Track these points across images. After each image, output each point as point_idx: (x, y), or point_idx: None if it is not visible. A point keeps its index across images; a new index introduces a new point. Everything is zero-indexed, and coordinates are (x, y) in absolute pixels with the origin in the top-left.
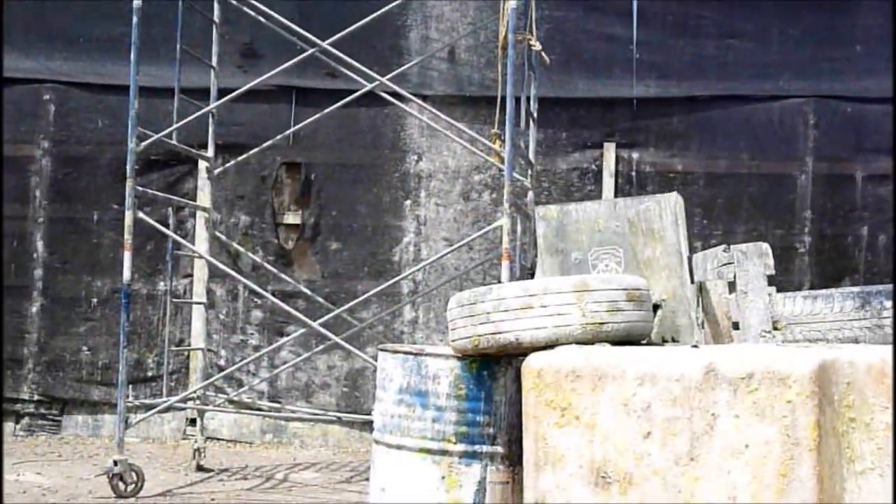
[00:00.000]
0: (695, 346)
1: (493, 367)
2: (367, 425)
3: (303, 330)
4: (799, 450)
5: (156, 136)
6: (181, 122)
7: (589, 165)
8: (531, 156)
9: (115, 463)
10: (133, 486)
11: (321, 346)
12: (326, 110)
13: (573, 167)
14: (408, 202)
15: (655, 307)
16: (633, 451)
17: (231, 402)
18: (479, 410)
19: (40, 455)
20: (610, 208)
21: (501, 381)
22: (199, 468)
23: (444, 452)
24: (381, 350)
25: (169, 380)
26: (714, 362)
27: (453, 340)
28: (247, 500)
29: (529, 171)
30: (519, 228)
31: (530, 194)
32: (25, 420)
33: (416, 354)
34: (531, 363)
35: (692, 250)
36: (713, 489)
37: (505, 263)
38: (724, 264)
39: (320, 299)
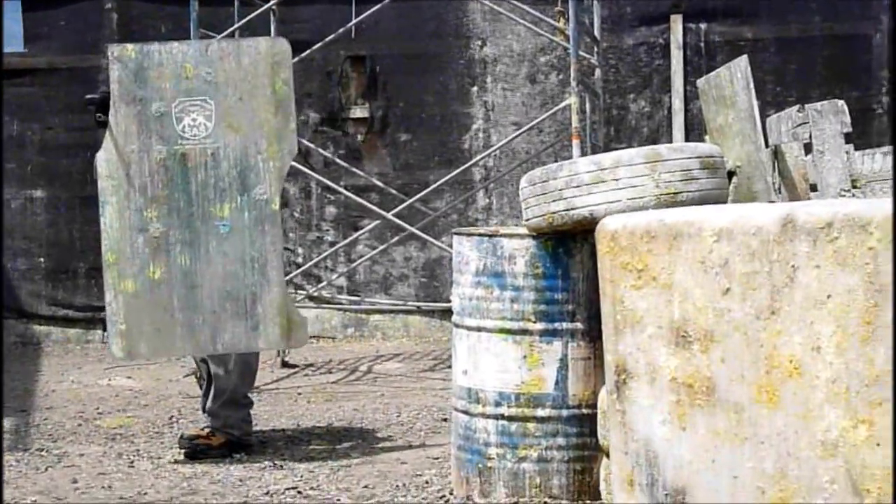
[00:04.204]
0: None
1: (569, 244)
2: (447, 314)
3: (377, 222)
4: (883, 296)
5: (218, 37)
6: (242, 21)
7: (656, 39)
8: (596, 32)
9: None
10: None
11: (396, 238)
12: (387, 0)
13: (640, 42)
14: (474, 88)
15: (730, 174)
16: (713, 308)
17: (311, 298)
18: (556, 288)
19: (130, 362)
20: (200, 52)
21: (578, 258)
22: (284, 364)
23: (524, 332)
24: (456, 234)
25: None
26: (792, 213)
27: (527, 219)
28: (333, 393)
29: (595, 49)
30: (588, 107)
31: (598, 72)
32: None
33: (490, 236)
34: (605, 226)
35: (765, 119)
36: (796, 341)
37: (575, 143)
38: (799, 125)
39: (393, 191)
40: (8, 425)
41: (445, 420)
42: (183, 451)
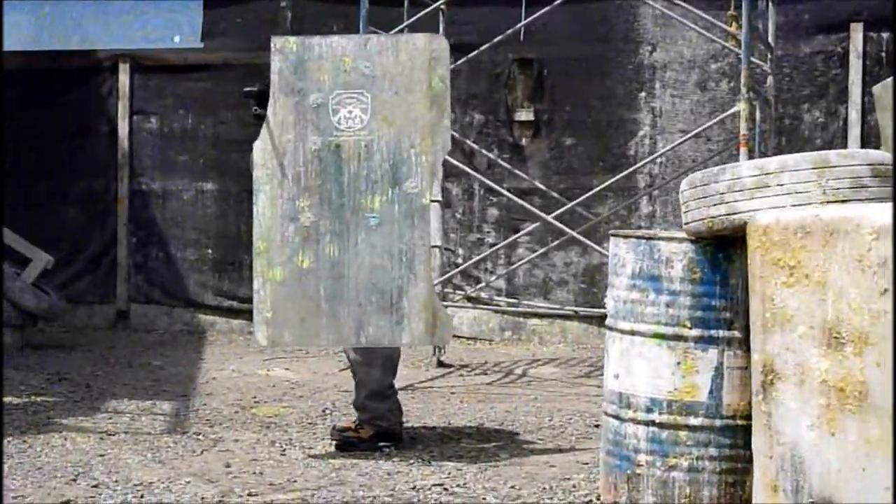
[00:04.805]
0: None
1: (729, 250)
2: (606, 320)
3: (537, 224)
4: None
5: (386, 35)
6: (410, 20)
7: (834, 48)
8: (771, 39)
9: None
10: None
11: (557, 242)
12: (556, 2)
13: (817, 50)
14: (642, 94)
15: None
16: (869, 309)
17: (469, 298)
18: (714, 294)
19: (289, 353)
20: (360, 46)
21: (737, 264)
22: (440, 364)
23: (678, 338)
24: (613, 235)
25: None
26: None
27: (686, 223)
28: (486, 394)
29: (769, 56)
30: (758, 115)
31: (770, 79)
32: None
33: (648, 238)
34: (757, 220)
35: None
36: None
37: (743, 150)
38: None
39: (555, 194)
40: (168, 409)
41: (598, 426)
42: (334, 442)
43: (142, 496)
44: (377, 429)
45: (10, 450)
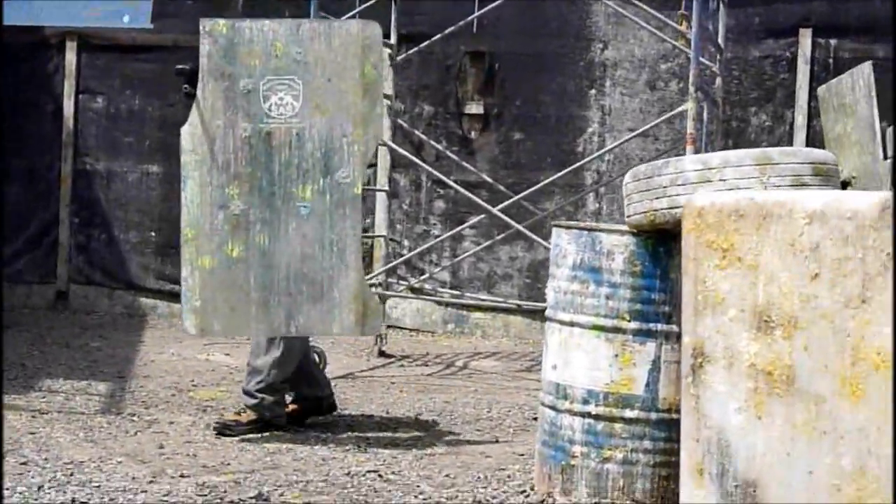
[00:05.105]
0: None
1: (670, 244)
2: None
3: (483, 216)
4: None
5: (336, 21)
6: (362, 7)
7: (783, 52)
8: (720, 41)
9: None
10: (316, 366)
11: (502, 235)
12: None
13: (766, 54)
14: (592, 92)
15: (844, 184)
16: (799, 293)
17: (413, 290)
18: (654, 288)
19: (229, 339)
20: (292, 31)
21: (678, 258)
22: (381, 354)
23: (617, 330)
24: (555, 226)
25: None
26: (891, 199)
27: (628, 216)
28: (426, 384)
29: (719, 57)
30: (706, 116)
31: (718, 80)
32: None
33: (590, 230)
34: (693, 202)
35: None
36: (886, 333)
37: (690, 150)
38: None
39: (503, 188)
40: (103, 389)
41: (536, 419)
42: (214, 425)
43: (71, 474)
44: (259, 416)
45: None
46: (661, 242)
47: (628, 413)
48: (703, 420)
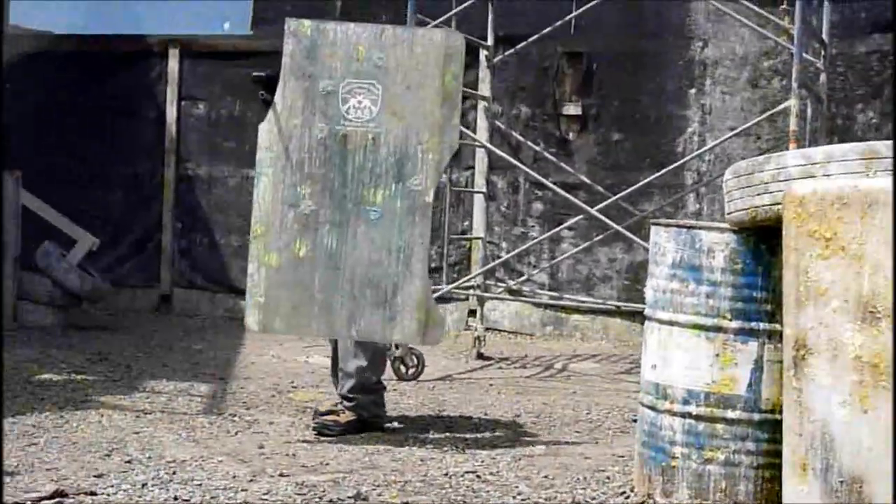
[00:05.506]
0: None
1: (772, 241)
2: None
3: (581, 217)
4: None
5: (434, 23)
6: (458, 8)
7: (890, 48)
8: (825, 36)
9: (397, 347)
10: (413, 369)
11: (601, 236)
12: None
13: (873, 49)
14: (692, 90)
15: None
16: None
17: (511, 292)
18: (756, 286)
19: (328, 342)
20: (375, 36)
21: (781, 256)
22: (479, 356)
23: (718, 329)
24: (654, 224)
25: (451, 271)
26: None
27: (729, 213)
28: (525, 386)
29: (823, 53)
30: (810, 113)
31: (823, 77)
32: None
33: (689, 227)
34: (794, 190)
35: None
36: None
37: (792, 148)
38: None
39: (601, 189)
40: (205, 390)
41: (636, 421)
42: (312, 426)
43: (174, 472)
44: (358, 417)
45: (46, 424)
46: (762, 239)
47: (730, 414)
48: (806, 414)
